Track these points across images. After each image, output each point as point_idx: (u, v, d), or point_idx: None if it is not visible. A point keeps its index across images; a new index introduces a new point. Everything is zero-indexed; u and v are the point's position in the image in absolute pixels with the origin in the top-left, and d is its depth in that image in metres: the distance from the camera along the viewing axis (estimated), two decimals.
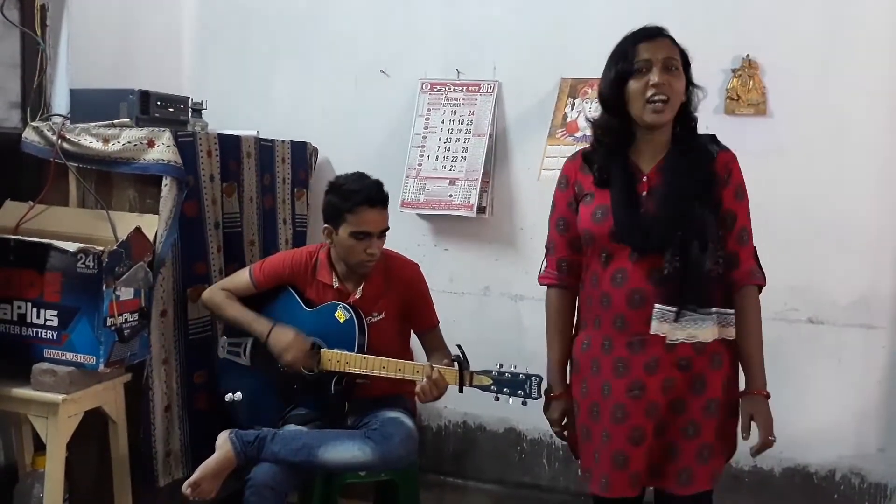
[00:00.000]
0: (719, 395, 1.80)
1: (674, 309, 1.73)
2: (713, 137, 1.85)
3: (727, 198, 1.79)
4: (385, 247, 2.39)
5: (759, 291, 1.85)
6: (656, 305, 1.73)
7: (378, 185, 2.29)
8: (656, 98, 1.72)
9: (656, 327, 1.74)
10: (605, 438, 1.80)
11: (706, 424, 1.79)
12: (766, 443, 1.80)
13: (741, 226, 1.80)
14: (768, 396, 1.82)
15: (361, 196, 2.23)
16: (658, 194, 1.77)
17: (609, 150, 1.82)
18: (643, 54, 1.74)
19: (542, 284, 1.97)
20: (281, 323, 2.31)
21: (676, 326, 1.73)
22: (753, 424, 1.80)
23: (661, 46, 1.75)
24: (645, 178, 1.79)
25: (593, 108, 2.90)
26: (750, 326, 1.81)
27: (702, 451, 1.79)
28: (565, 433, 1.96)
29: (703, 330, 1.75)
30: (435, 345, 2.39)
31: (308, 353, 2.26)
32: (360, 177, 2.30)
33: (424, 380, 2.13)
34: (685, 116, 1.82)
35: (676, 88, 1.74)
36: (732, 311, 1.79)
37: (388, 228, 2.30)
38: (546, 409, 1.97)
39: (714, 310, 1.76)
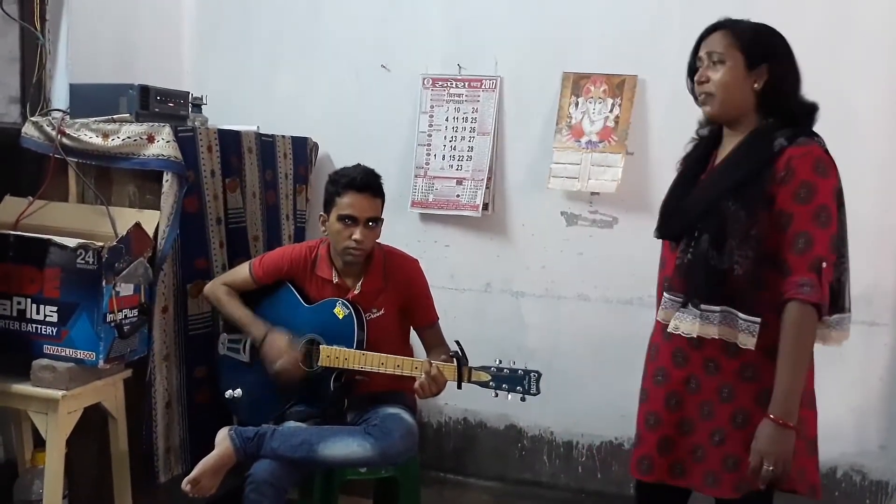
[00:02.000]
0: (749, 407, 1.69)
1: (679, 299, 1.72)
2: (799, 132, 1.69)
3: (782, 197, 1.63)
4: (385, 243, 2.39)
5: (819, 310, 1.60)
6: (664, 294, 1.76)
7: (369, 172, 2.29)
8: (700, 93, 1.77)
9: (661, 314, 1.76)
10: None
11: (733, 435, 1.71)
12: (755, 468, 1.62)
13: (797, 231, 1.61)
14: (784, 425, 1.60)
15: (349, 180, 2.25)
16: (699, 186, 1.79)
17: (694, 142, 1.88)
18: (699, 51, 1.79)
19: None
20: (276, 329, 2.30)
21: (671, 315, 1.73)
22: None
23: (711, 41, 1.77)
24: (709, 169, 1.81)
25: (597, 110, 2.89)
26: (781, 344, 1.62)
27: (727, 459, 1.72)
28: None
29: (686, 323, 1.69)
30: (434, 341, 2.39)
31: (299, 363, 2.26)
32: (356, 166, 2.32)
33: (423, 376, 2.12)
34: (775, 107, 1.72)
35: (715, 81, 1.73)
36: (757, 319, 1.63)
37: (379, 219, 2.29)
38: None
39: (719, 308, 1.66)
